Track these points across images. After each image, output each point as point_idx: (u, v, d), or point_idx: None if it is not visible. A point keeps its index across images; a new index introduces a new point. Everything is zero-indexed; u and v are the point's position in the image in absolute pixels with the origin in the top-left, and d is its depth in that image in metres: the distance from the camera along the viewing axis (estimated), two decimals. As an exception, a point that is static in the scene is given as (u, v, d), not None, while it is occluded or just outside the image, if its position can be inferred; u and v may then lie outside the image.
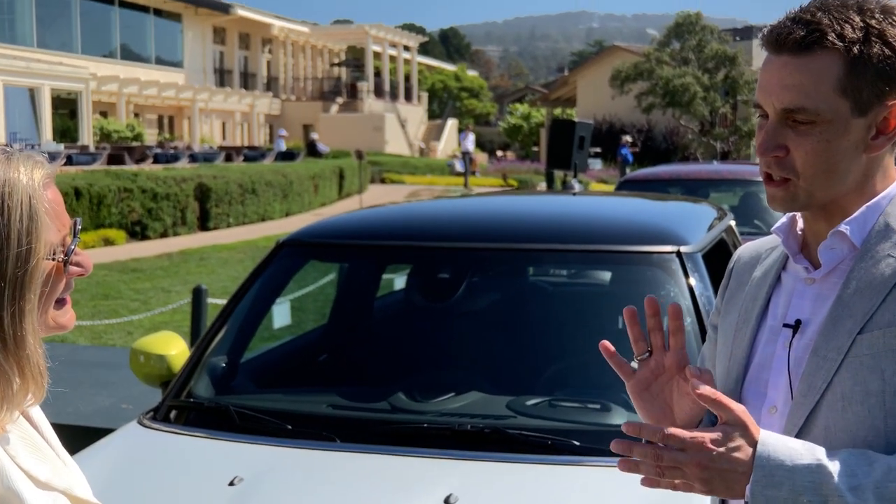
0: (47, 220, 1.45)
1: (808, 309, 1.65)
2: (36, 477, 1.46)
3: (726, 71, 44.60)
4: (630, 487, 2.72)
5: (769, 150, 1.61)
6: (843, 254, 1.62)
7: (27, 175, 1.44)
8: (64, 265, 1.50)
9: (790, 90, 1.58)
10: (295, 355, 4.28)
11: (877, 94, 1.57)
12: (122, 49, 40.69)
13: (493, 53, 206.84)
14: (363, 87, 50.86)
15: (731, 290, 1.85)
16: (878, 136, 1.60)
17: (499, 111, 78.10)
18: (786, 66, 1.59)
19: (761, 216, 10.43)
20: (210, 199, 21.32)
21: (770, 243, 1.83)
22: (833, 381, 1.56)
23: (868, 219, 1.62)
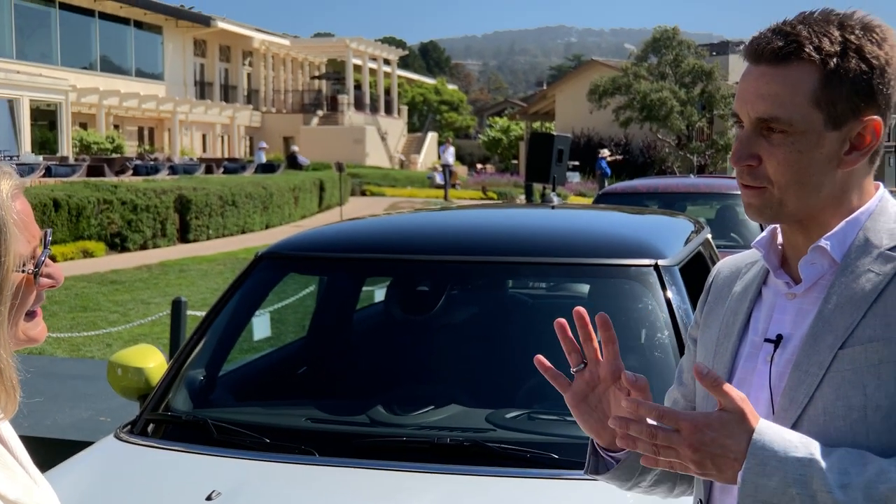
0: (16, 232, 1.44)
1: (789, 324, 1.65)
2: (5, 496, 1.44)
3: (703, 85, 44.86)
4: (612, 500, 2.74)
5: (742, 159, 1.62)
6: (824, 269, 1.63)
7: None
8: (34, 277, 1.48)
9: (765, 99, 1.59)
10: (273, 368, 4.27)
11: (852, 109, 1.58)
12: (102, 61, 40.55)
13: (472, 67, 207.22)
14: (343, 100, 50.85)
15: (710, 304, 1.86)
16: (852, 150, 1.60)
17: (478, 124, 78.30)
18: (762, 76, 1.60)
19: (738, 229, 10.49)
20: (190, 211, 21.26)
21: (750, 258, 1.83)
22: (815, 395, 1.56)
23: (848, 234, 1.62)
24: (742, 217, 10.80)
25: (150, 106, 40.28)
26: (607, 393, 1.74)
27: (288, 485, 2.94)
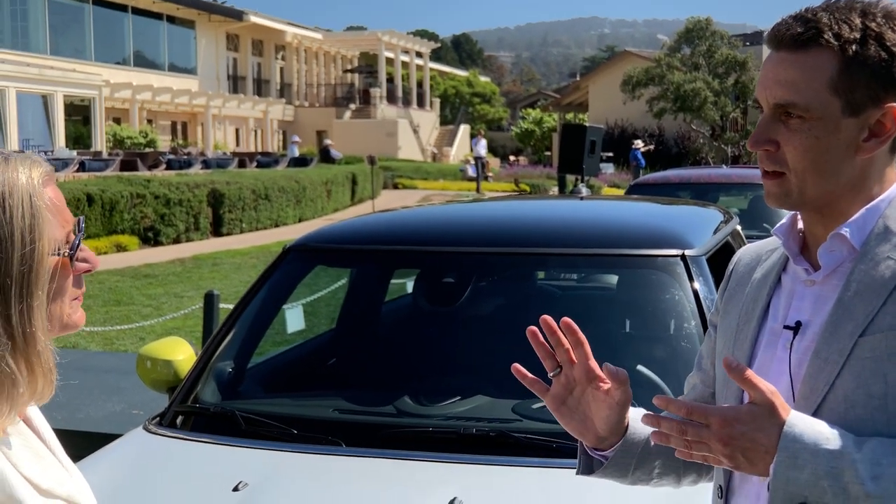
0: (49, 217, 1.47)
1: (808, 310, 1.65)
2: (38, 484, 1.46)
3: (736, 76, 44.57)
4: (634, 490, 2.74)
5: (760, 144, 1.63)
6: (843, 256, 1.63)
7: (26, 174, 1.46)
8: (70, 261, 1.51)
9: (783, 85, 1.60)
10: (302, 360, 4.29)
11: (871, 96, 1.58)
12: (135, 56, 40.85)
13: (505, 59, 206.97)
14: (376, 94, 50.93)
15: (730, 291, 1.86)
16: (871, 138, 1.60)
17: (511, 116, 78.18)
18: (782, 62, 1.61)
19: (770, 220, 10.42)
20: (223, 205, 21.39)
21: (771, 245, 1.84)
22: (835, 383, 1.56)
23: (867, 221, 1.62)
24: (774, 208, 10.72)
25: (183, 100, 40.54)
26: (585, 394, 1.75)
27: (314, 475, 2.95)
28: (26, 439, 1.52)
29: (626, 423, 1.77)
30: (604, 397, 1.72)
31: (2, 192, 1.43)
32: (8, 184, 1.44)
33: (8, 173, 1.45)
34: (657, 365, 3.40)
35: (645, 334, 3.69)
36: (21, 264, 1.42)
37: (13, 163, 1.47)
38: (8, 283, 1.41)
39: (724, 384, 1.78)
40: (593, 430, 1.76)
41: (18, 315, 1.42)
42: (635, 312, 3.77)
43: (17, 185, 1.44)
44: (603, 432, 1.76)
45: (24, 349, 1.43)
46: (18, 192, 1.44)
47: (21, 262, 1.42)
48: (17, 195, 1.44)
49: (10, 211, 1.42)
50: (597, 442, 1.79)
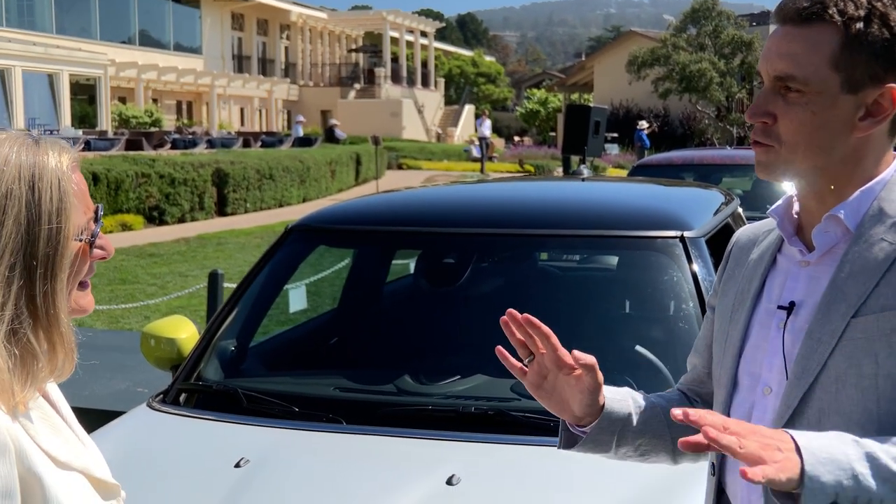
0: (75, 202, 1.51)
1: (801, 291, 1.67)
2: (56, 457, 1.49)
3: (742, 56, 44.42)
4: (632, 468, 2.78)
5: (757, 116, 1.64)
6: (837, 237, 1.64)
7: (55, 158, 1.50)
8: (90, 247, 1.55)
9: (784, 58, 1.61)
10: (303, 339, 4.32)
11: (871, 75, 1.59)
12: (140, 35, 40.77)
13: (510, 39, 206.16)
14: (380, 73, 50.83)
15: (728, 272, 1.88)
16: (867, 117, 1.61)
17: (516, 96, 77.97)
18: (785, 36, 1.62)
19: (774, 201, 10.32)
20: (228, 185, 21.41)
21: (767, 225, 1.85)
22: (827, 363, 1.58)
23: (862, 203, 1.63)
24: (777, 189, 10.74)
25: (188, 80, 40.50)
26: (559, 379, 1.79)
27: (315, 452, 2.99)
28: (45, 414, 1.55)
29: (601, 403, 1.80)
30: (575, 382, 1.76)
31: (32, 174, 1.47)
32: (38, 167, 1.48)
33: (39, 156, 1.49)
34: (655, 346, 3.43)
35: (643, 315, 3.72)
36: (47, 246, 1.46)
37: (43, 146, 1.51)
38: (34, 264, 1.45)
39: (719, 364, 1.81)
40: (569, 411, 1.80)
41: (43, 296, 1.46)
42: (634, 293, 3.80)
43: (47, 169, 1.48)
44: (579, 412, 1.79)
45: (47, 328, 1.47)
46: (48, 176, 1.48)
47: (47, 244, 1.46)
48: (47, 178, 1.47)
49: (39, 193, 1.46)
50: (575, 420, 1.83)
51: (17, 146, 1.48)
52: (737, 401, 1.75)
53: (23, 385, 1.46)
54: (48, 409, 1.57)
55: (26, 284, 1.44)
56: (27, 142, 1.50)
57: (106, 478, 1.60)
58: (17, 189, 1.44)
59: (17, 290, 1.44)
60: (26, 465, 1.43)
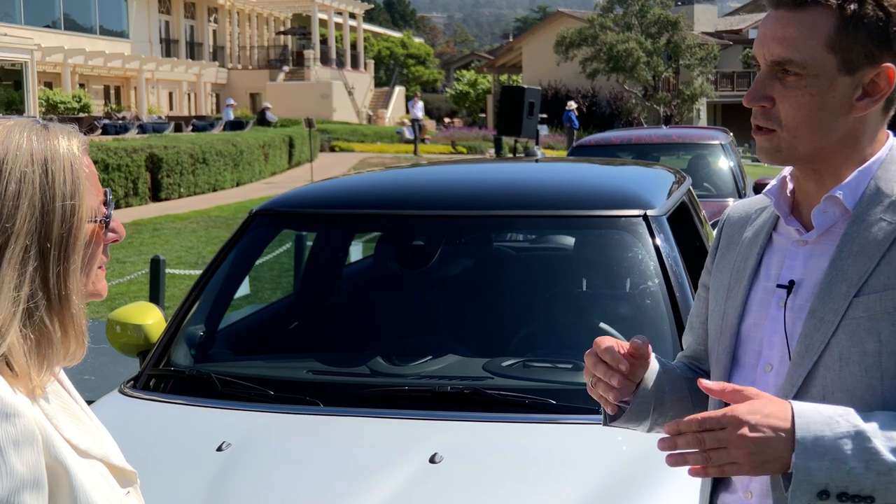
0: (87, 185, 1.51)
1: (800, 270, 1.70)
2: (77, 445, 1.49)
3: (668, 35, 44.91)
4: (607, 443, 2.85)
5: (756, 100, 1.66)
6: (836, 217, 1.67)
7: (66, 142, 1.51)
8: (104, 229, 1.56)
9: (780, 42, 1.63)
10: (270, 323, 4.33)
11: (866, 55, 1.62)
12: (65, 19, 39.95)
13: (437, 20, 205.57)
14: (310, 55, 50.45)
15: (721, 250, 1.90)
16: (864, 97, 1.64)
17: (445, 78, 77.92)
18: (780, 20, 1.64)
19: (710, 179, 10.62)
20: (161, 170, 21.15)
21: (759, 203, 1.87)
22: (830, 342, 1.61)
23: (860, 183, 1.66)
24: (714, 167, 10.94)
25: (115, 64, 39.83)
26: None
27: (297, 435, 3.01)
28: (64, 402, 1.55)
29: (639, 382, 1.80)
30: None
31: (44, 157, 1.48)
32: (50, 150, 1.49)
33: (49, 141, 1.50)
34: (622, 322, 3.50)
35: (610, 293, 3.79)
36: (61, 228, 1.47)
37: (53, 131, 1.52)
38: (48, 246, 1.46)
39: (716, 340, 1.82)
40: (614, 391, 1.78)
41: (56, 277, 1.46)
42: (599, 272, 3.86)
43: (59, 153, 1.49)
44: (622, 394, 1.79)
45: (59, 311, 1.48)
46: (60, 159, 1.49)
47: (61, 226, 1.47)
48: (59, 162, 1.48)
49: (53, 176, 1.47)
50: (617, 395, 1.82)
51: (27, 132, 1.49)
52: (736, 378, 1.76)
53: (39, 369, 1.46)
54: (66, 396, 1.58)
55: (40, 267, 1.45)
56: (36, 127, 1.51)
57: (123, 465, 1.60)
58: (31, 172, 1.45)
59: (31, 272, 1.44)
60: (53, 453, 1.43)
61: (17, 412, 1.38)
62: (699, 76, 45.51)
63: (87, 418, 1.59)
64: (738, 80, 54.08)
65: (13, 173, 1.44)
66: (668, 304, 3.36)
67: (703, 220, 4.70)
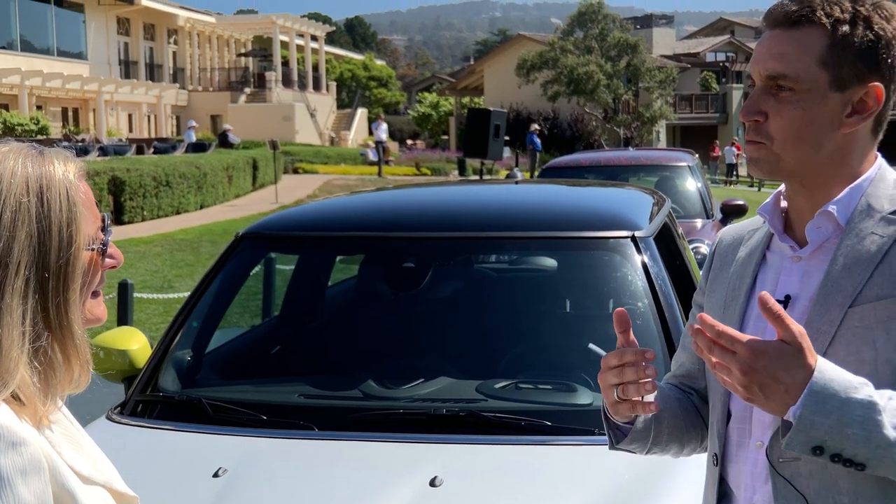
0: (84, 211, 1.49)
1: (795, 285, 1.75)
2: (80, 472, 1.47)
3: (628, 59, 45.39)
4: (605, 463, 2.85)
5: (750, 115, 1.73)
6: (829, 232, 1.73)
7: (62, 168, 1.48)
8: (101, 256, 1.53)
9: (775, 58, 1.70)
10: (257, 347, 4.29)
11: (856, 74, 1.69)
12: (21, 40, 39.63)
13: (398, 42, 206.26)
14: (271, 77, 50.39)
15: (714, 270, 1.95)
16: (853, 114, 1.71)
17: (407, 100, 78.09)
18: (775, 38, 1.72)
19: (677, 200, 10.70)
20: (124, 193, 20.97)
21: (752, 225, 1.93)
22: (827, 352, 1.64)
23: (852, 199, 1.72)
24: (682, 188, 11.04)
25: (74, 86, 39.54)
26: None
27: (294, 459, 2.99)
28: (65, 429, 1.53)
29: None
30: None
31: (39, 185, 1.44)
32: (45, 177, 1.45)
33: (45, 167, 1.47)
34: (612, 343, 3.49)
35: (599, 314, 3.80)
36: (58, 257, 1.44)
37: (48, 157, 1.49)
38: (46, 277, 1.43)
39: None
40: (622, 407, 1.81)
41: (56, 308, 1.44)
42: (589, 293, 3.88)
43: (55, 179, 1.46)
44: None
45: (61, 340, 1.45)
46: (56, 186, 1.46)
47: (58, 255, 1.44)
48: (55, 189, 1.45)
49: (49, 204, 1.44)
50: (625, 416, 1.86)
51: (21, 158, 1.46)
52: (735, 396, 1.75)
53: (45, 399, 1.45)
54: (66, 423, 1.55)
55: (40, 297, 1.43)
56: (31, 153, 1.48)
57: (126, 490, 1.58)
58: (27, 201, 1.42)
59: (32, 303, 1.42)
60: (59, 481, 1.41)
61: (23, 441, 1.37)
62: (658, 98, 45.97)
63: (88, 444, 1.57)
64: (697, 103, 54.72)
65: (8, 202, 1.41)
66: (658, 324, 3.38)
67: (683, 240, 4.74)
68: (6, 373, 1.39)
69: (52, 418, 1.49)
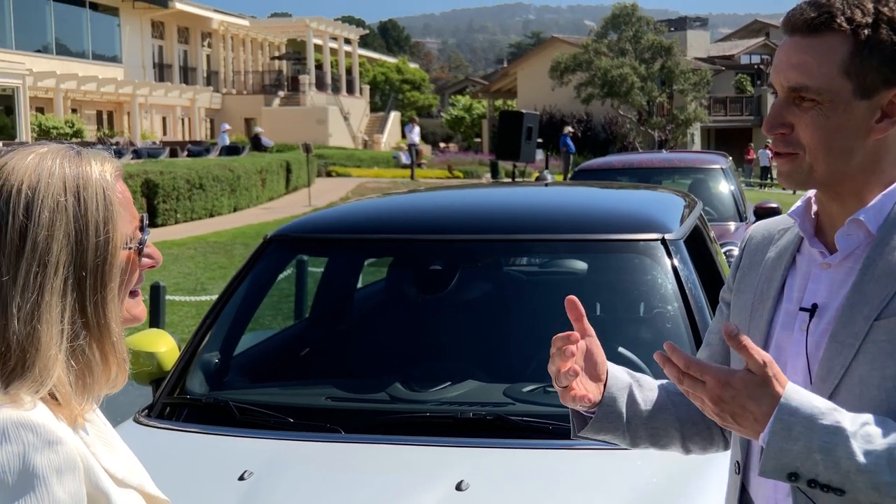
0: (121, 210, 1.50)
1: (823, 293, 1.69)
2: (113, 474, 1.47)
3: (662, 61, 45.20)
4: (632, 468, 2.82)
5: (774, 128, 1.67)
6: (860, 240, 1.67)
7: (98, 168, 1.49)
8: (138, 255, 1.54)
9: (796, 69, 1.63)
10: (285, 349, 4.29)
11: (883, 79, 1.62)
12: (57, 44, 40.04)
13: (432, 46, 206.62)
14: (305, 80, 50.57)
15: (743, 269, 1.90)
16: (883, 118, 1.64)
17: (440, 103, 78.15)
18: (795, 47, 1.65)
19: (711, 203, 10.63)
20: (157, 196, 21.11)
21: (782, 223, 1.88)
22: (851, 365, 1.60)
23: (884, 206, 1.66)
24: (715, 191, 10.96)
25: (108, 89, 39.88)
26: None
27: (320, 462, 2.98)
28: (99, 430, 1.53)
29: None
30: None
31: (76, 184, 1.46)
32: (82, 177, 1.47)
33: (82, 167, 1.48)
34: (642, 346, 3.47)
35: (629, 317, 3.77)
36: (96, 256, 1.45)
37: (86, 157, 1.50)
38: (83, 275, 1.44)
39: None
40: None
41: (93, 306, 1.45)
42: (618, 296, 3.84)
43: (91, 179, 1.47)
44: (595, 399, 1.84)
45: (99, 339, 1.46)
46: (92, 186, 1.47)
47: (96, 254, 1.45)
48: (92, 188, 1.47)
49: (86, 204, 1.45)
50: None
51: (59, 158, 1.48)
52: None
53: (81, 398, 1.45)
54: (101, 424, 1.56)
55: (78, 296, 1.44)
56: (69, 153, 1.49)
57: (158, 494, 1.58)
58: (64, 201, 1.44)
59: (71, 302, 1.43)
60: (93, 481, 1.42)
61: (59, 440, 1.37)
62: (693, 101, 45.74)
63: (121, 446, 1.57)
64: (731, 105, 54.38)
65: (46, 201, 1.43)
66: (688, 327, 3.34)
67: (714, 243, 4.69)
68: (44, 371, 1.40)
69: (86, 419, 1.50)
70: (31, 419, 1.36)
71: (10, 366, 1.40)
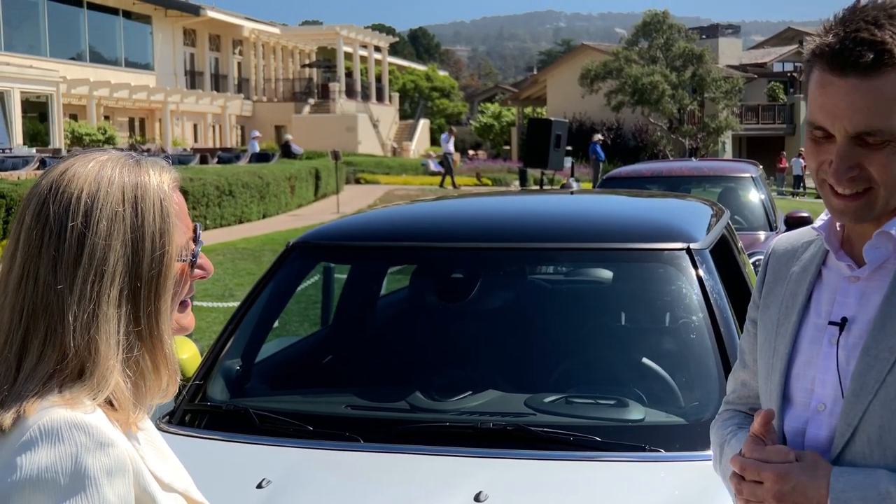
0: (177, 222, 1.50)
1: (853, 307, 1.67)
2: (161, 478, 1.49)
3: (693, 69, 45.02)
4: (653, 480, 2.78)
5: (847, 175, 1.60)
6: (888, 252, 1.64)
7: (157, 178, 1.50)
8: (191, 267, 1.55)
9: (862, 112, 1.57)
10: (306, 357, 4.29)
11: None
12: (90, 52, 40.40)
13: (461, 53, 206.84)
14: (335, 88, 50.77)
15: (768, 284, 1.87)
16: None
17: (469, 110, 78.17)
18: (856, 90, 1.57)
19: (741, 212, 10.55)
20: (187, 202, 21.00)
21: (805, 237, 1.85)
22: (886, 380, 1.58)
23: None
24: (745, 200, 10.88)
25: (140, 96, 40.17)
26: None
27: (338, 471, 2.96)
28: (150, 436, 1.56)
29: None
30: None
31: (134, 195, 1.47)
32: (140, 187, 1.48)
33: (140, 177, 1.49)
34: (666, 357, 3.44)
35: (652, 327, 3.73)
36: (150, 267, 1.46)
37: (144, 166, 1.51)
38: (138, 286, 1.45)
39: (766, 378, 1.79)
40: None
41: (147, 318, 1.46)
42: (642, 306, 3.81)
43: (149, 189, 1.48)
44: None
45: (151, 349, 1.48)
46: (150, 197, 1.48)
47: (150, 265, 1.46)
48: (149, 199, 1.48)
49: (143, 214, 1.46)
50: None
51: (118, 167, 1.49)
52: (789, 417, 1.74)
53: (135, 406, 1.48)
54: (152, 430, 1.58)
55: (132, 307, 1.45)
56: (129, 162, 1.51)
57: (202, 501, 1.61)
58: (122, 211, 1.45)
59: (126, 312, 1.45)
60: (142, 485, 1.44)
61: (111, 442, 1.39)
62: (724, 109, 45.52)
63: (169, 453, 1.60)
64: (763, 113, 54.08)
65: (104, 210, 1.44)
66: (713, 338, 3.30)
67: (742, 253, 4.64)
68: (102, 379, 1.42)
69: (140, 426, 1.53)
70: (84, 420, 1.38)
71: (66, 373, 1.42)
